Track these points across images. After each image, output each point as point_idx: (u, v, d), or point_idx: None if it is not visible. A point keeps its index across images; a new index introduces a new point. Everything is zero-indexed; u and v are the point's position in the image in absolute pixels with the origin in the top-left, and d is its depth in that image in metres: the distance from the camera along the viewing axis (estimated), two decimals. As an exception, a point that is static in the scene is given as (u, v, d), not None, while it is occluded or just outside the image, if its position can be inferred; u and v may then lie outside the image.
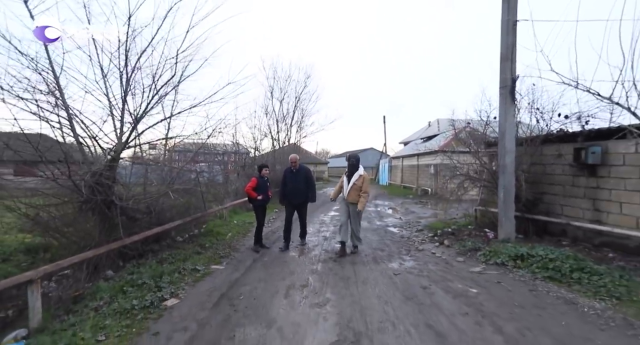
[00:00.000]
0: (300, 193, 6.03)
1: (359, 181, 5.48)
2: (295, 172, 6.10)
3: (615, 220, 5.29)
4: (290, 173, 6.14)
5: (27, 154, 4.30)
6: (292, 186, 6.03)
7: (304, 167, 6.28)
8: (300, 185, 6.02)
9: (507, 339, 2.80)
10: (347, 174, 5.64)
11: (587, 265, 4.10)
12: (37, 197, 4.72)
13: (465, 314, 3.30)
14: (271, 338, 2.86)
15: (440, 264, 5.14)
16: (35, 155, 4.31)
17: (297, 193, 6.03)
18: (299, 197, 6.05)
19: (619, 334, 2.82)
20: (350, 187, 5.50)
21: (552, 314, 3.26)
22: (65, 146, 4.58)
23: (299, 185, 6.02)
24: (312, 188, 6.16)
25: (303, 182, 6.04)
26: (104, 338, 2.78)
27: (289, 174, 6.13)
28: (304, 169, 6.22)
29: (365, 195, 5.49)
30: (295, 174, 6.09)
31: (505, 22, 5.90)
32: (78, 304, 3.51)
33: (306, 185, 6.06)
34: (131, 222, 5.16)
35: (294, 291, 3.97)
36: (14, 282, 2.92)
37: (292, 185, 6.04)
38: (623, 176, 5.17)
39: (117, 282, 3.98)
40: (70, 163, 4.29)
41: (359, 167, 5.61)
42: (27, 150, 4.24)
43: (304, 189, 6.05)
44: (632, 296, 3.44)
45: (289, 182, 6.08)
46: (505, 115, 6.02)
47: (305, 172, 6.16)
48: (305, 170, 6.20)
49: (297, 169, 6.12)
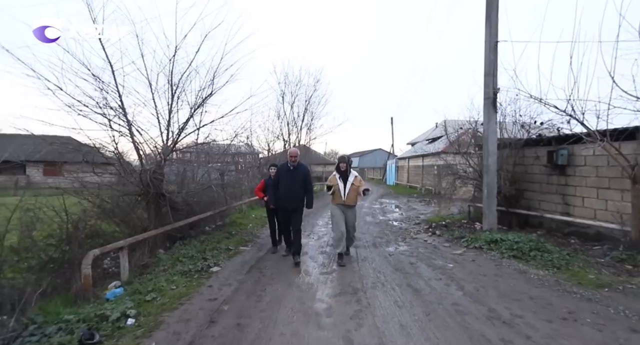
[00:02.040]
0: (295, 196, 5.03)
1: (357, 181, 5.13)
2: (292, 169, 5.14)
3: (579, 212, 6.23)
4: (286, 171, 5.16)
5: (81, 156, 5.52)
6: (287, 187, 5.05)
7: (303, 165, 5.34)
8: (297, 187, 5.02)
9: (464, 292, 3.82)
10: (342, 176, 5.11)
11: (543, 246, 5.09)
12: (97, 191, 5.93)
13: (439, 279, 4.33)
14: (292, 291, 3.95)
15: (429, 248, 6.16)
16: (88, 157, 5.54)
17: (292, 196, 5.03)
18: (293, 200, 5.05)
19: (548, 290, 3.83)
20: (349, 188, 5.07)
21: (505, 279, 4.27)
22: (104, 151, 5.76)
23: (295, 186, 5.03)
24: (310, 192, 5.21)
25: (300, 183, 5.06)
26: (175, 287, 3.93)
27: (285, 172, 5.16)
28: (303, 167, 5.26)
29: (364, 183, 5.28)
30: (292, 172, 5.12)
31: (488, 42, 6.87)
32: (147, 269, 4.68)
33: (303, 188, 5.13)
34: (174, 211, 6.33)
35: (308, 265, 5.06)
36: (113, 247, 4.11)
37: (288, 185, 5.05)
38: (584, 175, 6.11)
39: (172, 255, 5.17)
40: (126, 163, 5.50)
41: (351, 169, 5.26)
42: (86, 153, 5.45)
43: (300, 192, 5.09)
44: (569, 267, 4.44)
45: (284, 182, 5.10)
46: (488, 122, 6.99)
47: (304, 171, 5.20)
48: (305, 170, 5.26)
49: (295, 167, 5.15)
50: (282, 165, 5.40)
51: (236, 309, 3.40)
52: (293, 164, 5.16)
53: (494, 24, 6.82)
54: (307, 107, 20.67)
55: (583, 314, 3.17)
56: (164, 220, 5.78)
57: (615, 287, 3.78)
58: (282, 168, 5.27)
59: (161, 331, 2.90)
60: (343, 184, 5.09)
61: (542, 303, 3.46)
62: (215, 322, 3.09)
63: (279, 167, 5.41)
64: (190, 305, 3.49)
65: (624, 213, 5.16)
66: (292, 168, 5.16)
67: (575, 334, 2.80)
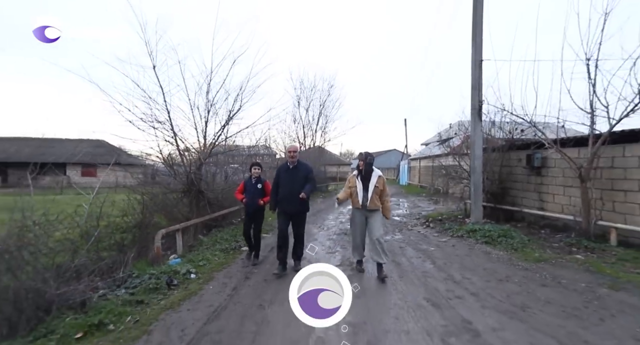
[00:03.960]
0: (296, 199, 4.44)
1: (380, 183, 4.36)
2: (292, 169, 4.63)
3: (550, 207, 7.24)
4: (285, 171, 4.64)
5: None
6: (288, 189, 4.52)
7: (305, 164, 4.82)
8: (298, 189, 4.46)
9: (435, 265, 5.01)
10: (362, 176, 4.39)
11: (509, 234, 6.18)
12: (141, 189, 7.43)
13: (419, 258, 5.52)
14: (303, 263, 5.24)
15: (420, 237, 7.32)
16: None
17: (293, 199, 4.47)
18: (295, 204, 4.51)
19: (500, 263, 4.97)
20: (371, 191, 4.33)
21: (472, 257, 5.42)
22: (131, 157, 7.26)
23: (296, 188, 4.47)
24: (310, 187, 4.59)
25: (302, 184, 4.51)
26: (217, 258, 5.31)
27: (284, 172, 4.65)
28: (304, 167, 4.74)
29: (389, 198, 4.58)
30: (292, 171, 4.62)
31: (473, 61, 7.95)
32: (193, 248, 6.10)
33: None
34: (209, 205, 7.78)
35: (316, 246, 6.35)
36: (174, 228, 5.57)
37: (288, 187, 4.53)
38: (554, 175, 7.12)
39: (210, 238, 6.60)
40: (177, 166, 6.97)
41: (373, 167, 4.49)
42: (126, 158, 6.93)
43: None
44: (524, 249, 5.54)
45: (284, 183, 4.60)
46: (474, 130, 8.06)
47: (306, 171, 4.67)
48: (306, 169, 4.72)
49: (296, 166, 4.64)
50: (280, 165, 4.94)
51: (262, 272, 4.74)
52: (293, 163, 4.61)
53: (478, 45, 7.89)
54: (321, 111, 22.05)
55: (516, 277, 4.32)
56: (203, 212, 7.22)
57: (550, 261, 4.89)
58: (281, 168, 4.74)
59: (214, 282, 4.27)
60: (362, 186, 4.38)
61: (490, 271, 4.61)
62: (249, 278, 4.43)
63: (278, 168, 4.93)
64: (230, 269, 4.86)
65: (580, 207, 6.18)
66: (291, 167, 4.62)
67: (501, 287, 3.97)
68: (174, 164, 7.15)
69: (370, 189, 4.34)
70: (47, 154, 29.50)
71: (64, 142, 32.56)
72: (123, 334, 2.87)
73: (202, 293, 3.88)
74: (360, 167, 4.42)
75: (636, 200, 5.32)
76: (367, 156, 4.38)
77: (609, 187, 5.76)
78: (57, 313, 3.02)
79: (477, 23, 7.85)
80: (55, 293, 3.01)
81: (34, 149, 29.84)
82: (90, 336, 2.81)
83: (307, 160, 18.05)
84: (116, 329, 2.95)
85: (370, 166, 4.41)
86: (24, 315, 2.78)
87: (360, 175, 4.42)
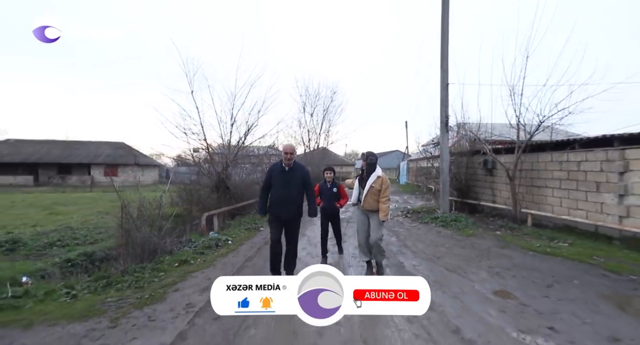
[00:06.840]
0: (291, 204, 4.10)
1: (377, 183, 4.28)
2: (287, 171, 4.13)
3: (498, 200, 9.26)
4: (280, 172, 4.16)
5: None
6: (281, 192, 4.10)
7: (301, 166, 4.41)
8: (293, 193, 4.12)
9: (398, 239, 7.08)
10: (362, 176, 4.43)
11: (459, 219, 8.24)
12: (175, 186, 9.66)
13: (388, 234, 7.58)
14: (307, 240, 7.36)
15: (396, 223, 9.39)
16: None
17: (288, 203, 4.09)
18: (289, 209, 4.11)
19: (443, 237, 7.04)
20: (367, 191, 4.29)
21: (427, 234, 7.48)
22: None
23: (291, 192, 4.11)
24: (312, 197, 4.46)
25: (298, 188, 4.16)
26: (243, 234, 7.48)
27: (278, 174, 4.16)
28: (301, 168, 4.32)
29: (386, 200, 4.29)
30: (287, 174, 4.13)
31: (441, 84, 9.98)
32: (224, 229, 8.29)
33: (302, 194, 4.25)
34: (233, 198, 9.96)
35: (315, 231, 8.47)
36: (213, 213, 7.76)
37: (282, 190, 4.10)
38: (500, 175, 9.15)
39: (236, 222, 8.78)
40: (211, 167, 9.18)
41: (376, 167, 4.39)
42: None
43: (297, 199, 4.18)
44: (465, 229, 7.59)
45: (277, 186, 4.13)
46: (442, 139, 10.08)
47: (302, 173, 4.25)
48: (303, 172, 4.30)
49: (292, 167, 4.15)
50: (274, 165, 4.45)
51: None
52: (288, 164, 4.11)
53: (444, 70, 9.91)
54: (325, 116, 24.15)
55: (448, 244, 6.39)
56: (229, 203, 9.41)
57: (477, 236, 6.95)
58: (275, 169, 4.25)
59: (244, 245, 6.44)
60: (361, 186, 4.39)
61: (433, 242, 6.68)
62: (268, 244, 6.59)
63: (270, 168, 4.48)
64: (254, 239, 7.03)
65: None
66: (287, 169, 4.13)
67: (433, 248, 6.06)
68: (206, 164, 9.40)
69: (366, 188, 4.29)
70: (73, 155, 32.11)
71: (87, 144, 35.18)
72: (200, 265, 5.04)
73: (238, 249, 6.06)
74: (362, 166, 4.49)
75: (545, 193, 7.34)
76: (369, 156, 4.39)
77: (530, 184, 7.78)
78: (160, 255, 5.21)
79: (444, 54, 9.88)
80: (158, 243, 5.20)
81: (61, 151, 32.30)
82: (182, 265, 4.99)
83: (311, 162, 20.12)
84: (195, 263, 5.13)
85: (372, 166, 4.36)
86: (145, 253, 4.97)
87: (361, 175, 4.47)
